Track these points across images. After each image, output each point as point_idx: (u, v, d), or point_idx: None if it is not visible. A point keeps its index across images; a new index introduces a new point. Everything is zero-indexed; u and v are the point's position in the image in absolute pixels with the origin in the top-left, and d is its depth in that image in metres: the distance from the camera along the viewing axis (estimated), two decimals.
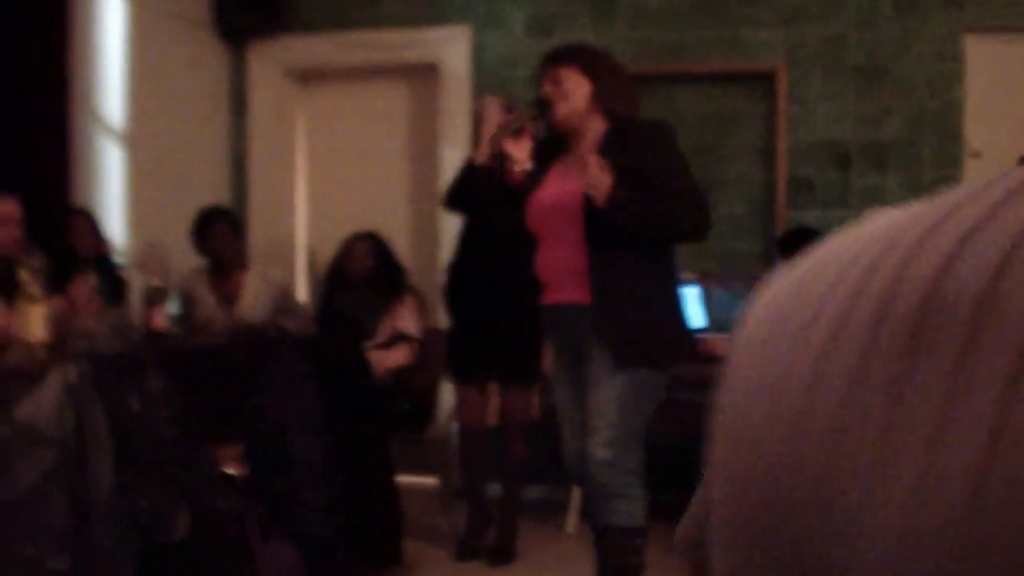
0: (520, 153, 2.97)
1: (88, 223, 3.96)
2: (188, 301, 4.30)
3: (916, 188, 4.51)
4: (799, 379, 0.32)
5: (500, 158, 3.10)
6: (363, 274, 4.32)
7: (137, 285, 4.02)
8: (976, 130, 4.50)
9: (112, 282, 3.91)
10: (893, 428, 0.29)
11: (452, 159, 4.67)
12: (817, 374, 0.31)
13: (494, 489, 4.06)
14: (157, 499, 2.46)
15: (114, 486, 2.34)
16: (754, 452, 0.33)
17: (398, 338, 4.20)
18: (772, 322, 0.34)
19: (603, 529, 2.84)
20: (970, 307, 0.28)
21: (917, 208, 0.33)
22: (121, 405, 2.43)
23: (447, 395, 4.28)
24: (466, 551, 3.88)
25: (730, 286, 4.63)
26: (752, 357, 0.34)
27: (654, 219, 2.68)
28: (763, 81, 4.66)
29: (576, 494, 4.12)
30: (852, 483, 0.29)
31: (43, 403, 2.27)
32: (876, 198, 4.56)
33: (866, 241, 0.33)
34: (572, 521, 4.14)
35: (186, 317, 4.24)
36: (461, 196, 3.51)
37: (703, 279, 4.62)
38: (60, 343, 3.09)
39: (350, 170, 5.31)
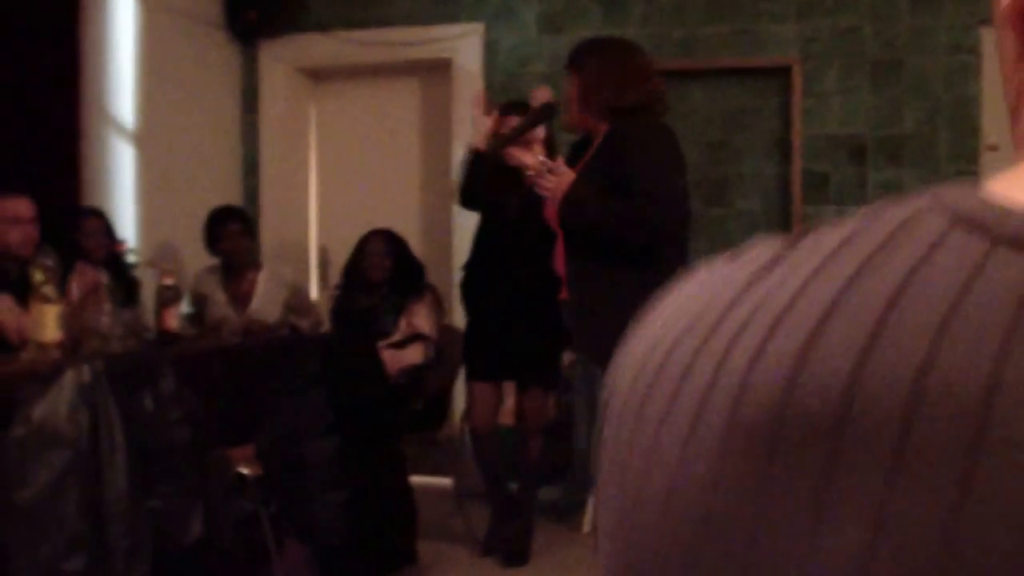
0: (530, 159, 2.93)
1: (101, 223, 3.95)
2: (200, 301, 4.29)
3: (933, 183, 4.45)
4: (664, 469, 0.31)
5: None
6: (382, 273, 4.30)
7: (150, 285, 4.00)
8: (993, 123, 4.46)
9: (125, 282, 3.90)
10: (761, 532, 0.28)
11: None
12: (682, 462, 0.31)
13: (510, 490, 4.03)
14: (171, 500, 2.44)
15: (128, 487, 2.32)
16: (628, 532, 0.32)
17: (413, 337, 4.18)
18: (643, 385, 0.33)
19: None
20: (831, 406, 0.27)
21: (793, 257, 0.31)
22: (135, 406, 2.41)
23: (461, 394, 4.26)
24: (490, 548, 3.87)
25: None
26: (625, 423, 0.33)
27: (611, 219, 2.62)
28: (777, 76, 4.62)
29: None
30: None
31: (57, 403, 2.26)
32: (893, 192, 4.51)
33: (731, 301, 0.31)
34: (588, 522, 4.11)
35: (198, 317, 4.23)
36: (472, 189, 3.51)
37: None
38: (73, 343, 3.08)
39: (362, 168, 5.30)
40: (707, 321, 0.31)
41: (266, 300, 4.34)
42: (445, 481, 4.62)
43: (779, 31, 4.60)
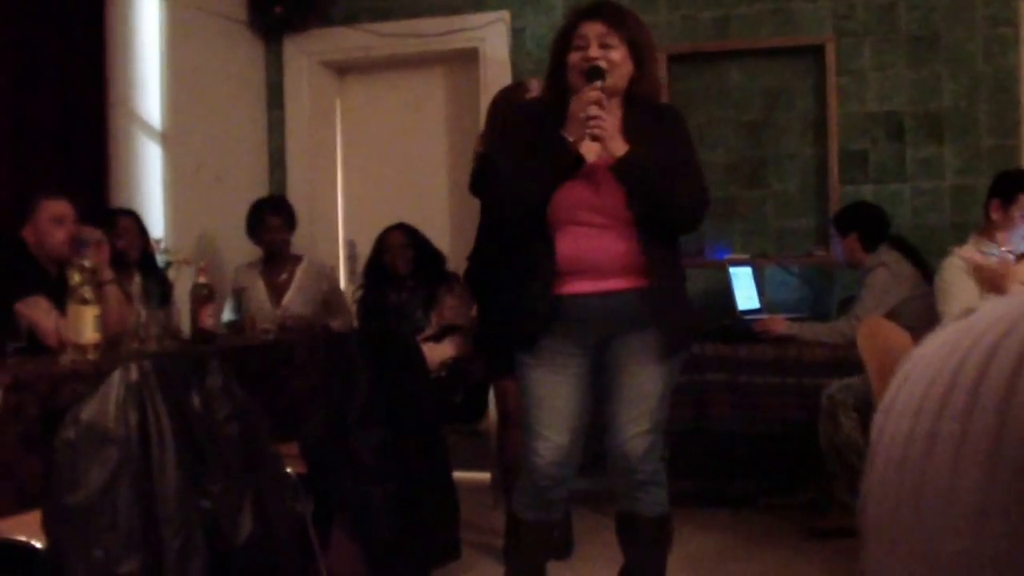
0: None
1: (134, 223, 3.93)
2: (240, 297, 4.26)
3: (974, 158, 4.38)
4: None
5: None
6: (407, 266, 4.26)
7: (181, 283, 3.98)
8: None
9: (158, 282, 3.88)
10: None
11: None
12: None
13: None
14: (222, 498, 2.40)
15: (179, 486, 2.28)
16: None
17: (448, 329, 4.13)
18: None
19: (639, 519, 2.73)
20: None
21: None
22: (183, 403, 2.37)
23: None
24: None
25: (784, 265, 4.53)
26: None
27: (679, 194, 2.61)
28: (812, 54, 4.55)
29: None
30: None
31: (106, 403, 2.22)
32: (932, 169, 4.43)
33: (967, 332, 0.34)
34: None
35: (240, 317, 4.20)
36: (480, 183, 3.46)
37: (755, 259, 4.52)
38: (111, 345, 3.05)
39: (390, 161, 5.25)
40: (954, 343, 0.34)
41: (302, 293, 4.33)
42: (484, 475, 4.58)
43: (812, 9, 4.52)
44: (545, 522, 2.78)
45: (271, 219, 4.29)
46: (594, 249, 2.65)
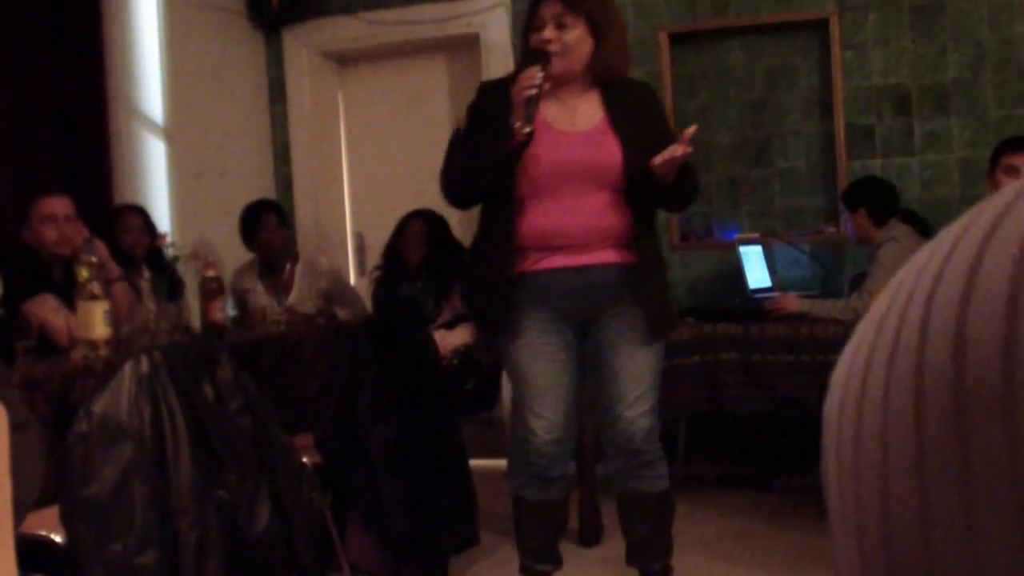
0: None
1: (140, 220, 3.92)
2: (241, 298, 4.26)
3: (982, 129, 4.34)
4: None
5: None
6: (419, 257, 4.24)
7: (191, 278, 3.97)
8: None
9: (168, 277, 3.87)
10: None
11: None
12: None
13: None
14: (237, 490, 2.39)
15: (194, 478, 2.27)
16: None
17: (460, 318, 4.11)
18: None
19: (645, 497, 2.72)
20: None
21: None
22: (195, 395, 2.36)
23: None
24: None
25: (794, 243, 4.50)
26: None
27: (692, 185, 2.67)
28: (815, 29, 4.52)
29: None
30: None
31: (118, 396, 2.21)
32: (940, 142, 4.40)
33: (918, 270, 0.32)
34: None
35: (243, 317, 4.19)
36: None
37: (764, 238, 4.49)
38: (123, 340, 3.04)
39: (394, 150, 5.23)
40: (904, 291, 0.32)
41: (304, 291, 4.31)
42: (501, 462, 4.56)
43: None
44: (547, 501, 2.77)
45: (266, 220, 4.31)
46: (576, 221, 2.58)
